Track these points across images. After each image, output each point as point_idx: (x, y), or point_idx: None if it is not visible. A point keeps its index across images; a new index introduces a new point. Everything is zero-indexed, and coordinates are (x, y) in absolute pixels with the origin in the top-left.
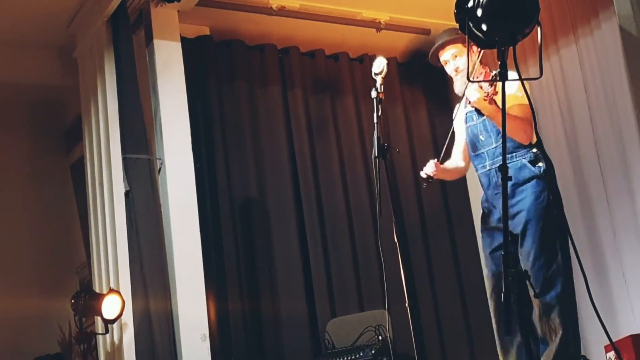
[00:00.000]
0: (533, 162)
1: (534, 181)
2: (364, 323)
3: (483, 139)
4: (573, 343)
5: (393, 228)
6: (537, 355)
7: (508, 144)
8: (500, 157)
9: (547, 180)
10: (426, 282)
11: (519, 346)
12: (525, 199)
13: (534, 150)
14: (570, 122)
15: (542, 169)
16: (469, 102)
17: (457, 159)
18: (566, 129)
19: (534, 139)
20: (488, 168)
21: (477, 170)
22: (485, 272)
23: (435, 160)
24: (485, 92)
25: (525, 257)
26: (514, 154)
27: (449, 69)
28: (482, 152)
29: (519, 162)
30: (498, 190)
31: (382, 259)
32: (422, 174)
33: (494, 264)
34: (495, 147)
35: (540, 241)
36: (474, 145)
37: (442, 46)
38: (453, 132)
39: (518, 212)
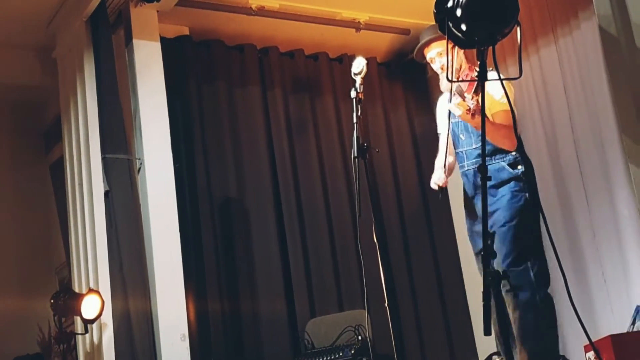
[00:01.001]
0: (512, 165)
1: (512, 182)
2: (344, 323)
3: (463, 138)
4: (549, 342)
5: (372, 228)
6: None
7: (488, 147)
8: (479, 159)
9: (526, 182)
10: (405, 282)
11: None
12: (502, 198)
13: (514, 153)
14: (549, 122)
15: (521, 171)
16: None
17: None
18: (546, 128)
19: (515, 145)
20: (467, 168)
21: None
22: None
23: (443, 169)
24: (467, 106)
25: (498, 255)
26: (493, 156)
27: (435, 67)
28: (461, 152)
29: (498, 165)
30: (477, 190)
31: (361, 259)
32: (434, 186)
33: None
34: (474, 148)
35: (514, 239)
36: (454, 143)
37: (427, 44)
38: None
39: (494, 211)
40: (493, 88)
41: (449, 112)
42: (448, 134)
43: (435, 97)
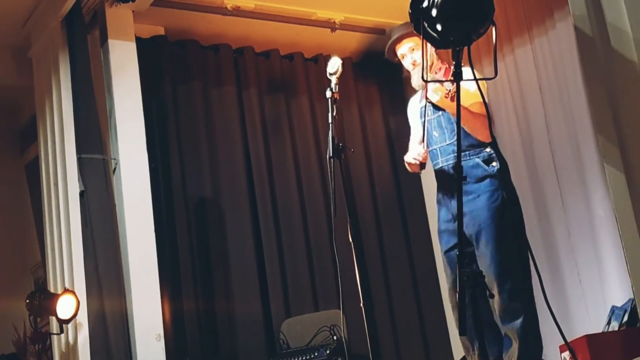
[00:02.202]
0: (487, 162)
1: (487, 180)
2: (319, 323)
3: (437, 135)
4: (534, 343)
5: (348, 228)
6: (499, 354)
7: (462, 142)
8: (453, 155)
9: (501, 179)
10: (381, 282)
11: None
12: (478, 198)
13: (488, 149)
14: (525, 121)
15: (495, 168)
16: (427, 100)
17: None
18: (521, 128)
19: (490, 138)
20: (440, 165)
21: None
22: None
23: (422, 144)
24: (446, 90)
25: (481, 258)
26: (467, 152)
27: (406, 63)
28: (435, 149)
29: (472, 161)
30: (450, 188)
31: (336, 258)
32: (414, 161)
33: (448, 265)
34: (447, 145)
35: (496, 241)
36: (428, 141)
37: (399, 40)
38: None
39: (470, 211)
40: (468, 82)
41: (423, 109)
42: (424, 122)
43: (411, 96)
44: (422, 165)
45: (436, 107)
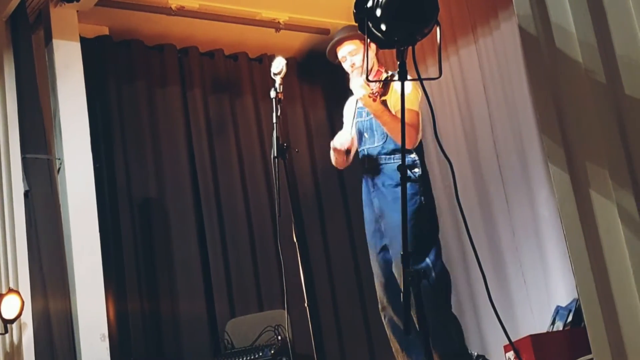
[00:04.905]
0: (410, 167)
1: (408, 184)
2: (263, 323)
3: (367, 136)
4: (449, 340)
5: (292, 228)
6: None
7: (390, 146)
8: (378, 157)
9: (422, 185)
10: (325, 282)
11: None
12: (397, 201)
13: (413, 155)
14: (469, 122)
15: (417, 174)
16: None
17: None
18: (465, 129)
19: (415, 145)
20: (366, 165)
21: None
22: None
23: (350, 134)
24: (371, 89)
25: (396, 260)
26: (393, 155)
27: (346, 65)
28: (364, 149)
29: (397, 164)
30: (374, 189)
31: (281, 259)
32: (340, 146)
33: (379, 267)
34: (375, 147)
35: (410, 243)
36: (358, 141)
37: (340, 42)
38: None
39: (389, 214)
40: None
41: (358, 110)
42: (354, 116)
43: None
44: (348, 151)
45: None
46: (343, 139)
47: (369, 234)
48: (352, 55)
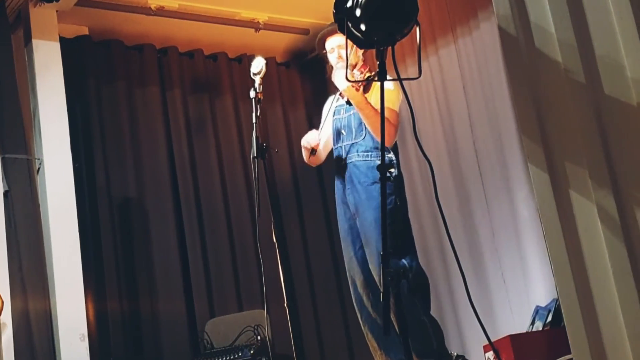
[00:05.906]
0: (387, 167)
1: None
2: (243, 323)
3: (344, 133)
4: (424, 340)
5: (272, 228)
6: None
7: (367, 143)
8: (353, 154)
9: (396, 186)
10: (305, 282)
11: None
12: (372, 199)
13: (390, 155)
14: (449, 122)
15: (393, 174)
16: (341, 95)
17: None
18: (445, 129)
19: (392, 144)
20: (342, 163)
21: None
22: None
23: (319, 135)
24: (354, 79)
25: (370, 258)
26: (370, 153)
27: (332, 57)
28: (340, 147)
29: (373, 162)
30: (350, 185)
31: (261, 259)
32: (305, 143)
33: (357, 265)
34: (351, 144)
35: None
36: (335, 138)
37: (332, 32)
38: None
39: (362, 212)
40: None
41: (337, 107)
42: (329, 113)
43: (333, 93)
44: (313, 151)
45: (350, 106)
46: (310, 137)
47: (344, 231)
48: (341, 48)
